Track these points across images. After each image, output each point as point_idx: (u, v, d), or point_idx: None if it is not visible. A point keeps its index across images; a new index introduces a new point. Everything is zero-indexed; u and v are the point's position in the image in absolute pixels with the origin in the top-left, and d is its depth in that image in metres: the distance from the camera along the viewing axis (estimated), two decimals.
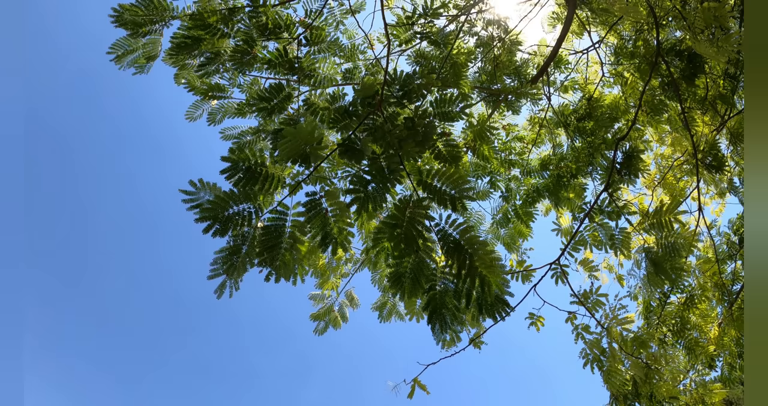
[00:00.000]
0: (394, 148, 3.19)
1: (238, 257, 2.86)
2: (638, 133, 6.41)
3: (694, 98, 5.85)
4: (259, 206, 3.04)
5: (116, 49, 4.02)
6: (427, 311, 2.93)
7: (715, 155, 5.81)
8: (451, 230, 2.83)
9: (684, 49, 5.65)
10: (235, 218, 2.90)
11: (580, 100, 6.69)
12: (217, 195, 2.88)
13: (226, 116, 4.80)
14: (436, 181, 3.02)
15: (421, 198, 2.94)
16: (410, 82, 3.52)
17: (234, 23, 3.98)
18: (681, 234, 5.30)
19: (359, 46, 5.34)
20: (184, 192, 2.90)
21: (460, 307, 2.93)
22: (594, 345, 5.23)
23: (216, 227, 2.80)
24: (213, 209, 2.81)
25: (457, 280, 2.71)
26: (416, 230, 2.79)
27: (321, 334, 5.07)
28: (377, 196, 2.94)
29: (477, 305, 2.74)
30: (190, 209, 2.96)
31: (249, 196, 3.04)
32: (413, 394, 4.36)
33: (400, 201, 2.77)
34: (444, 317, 2.84)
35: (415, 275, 2.82)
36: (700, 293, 5.77)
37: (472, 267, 2.71)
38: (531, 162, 6.76)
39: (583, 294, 5.19)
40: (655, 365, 5.04)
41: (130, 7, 3.67)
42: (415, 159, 3.25)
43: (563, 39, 5.76)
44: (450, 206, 2.92)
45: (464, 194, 2.93)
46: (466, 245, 2.77)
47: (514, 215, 6.47)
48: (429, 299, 2.84)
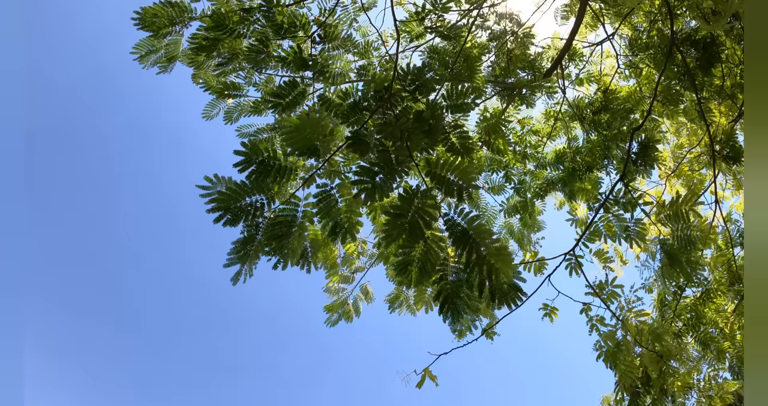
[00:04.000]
0: (403, 139, 3.27)
1: (251, 245, 2.99)
2: (654, 124, 6.36)
3: (710, 88, 5.79)
4: (271, 197, 3.16)
5: (139, 49, 4.20)
6: (438, 301, 3.00)
7: (732, 146, 5.74)
8: (459, 218, 2.90)
9: (699, 39, 5.60)
10: (248, 208, 3.03)
11: (595, 93, 6.67)
12: (229, 187, 3.01)
13: (242, 114, 4.95)
14: (444, 171, 3.09)
15: (428, 188, 3.02)
16: (422, 75, 3.59)
17: (250, 23, 4.12)
18: (698, 226, 5.26)
19: (372, 43, 5.44)
20: (202, 187, 3.03)
21: (472, 296, 2.99)
22: (609, 337, 5.24)
23: (227, 217, 2.93)
24: (225, 200, 2.94)
25: (467, 268, 2.78)
26: (423, 220, 2.86)
27: (333, 325, 5.20)
28: (385, 186, 3.03)
29: (490, 294, 2.80)
30: (208, 203, 3.11)
31: (261, 188, 3.16)
32: (423, 384, 4.46)
33: (405, 191, 2.86)
34: (456, 306, 2.91)
35: (422, 263, 2.89)
36: (716, 288, 5.71)
37: (480, 255, 2.77)
38: (546, 155, 6.77)
39: (598, 285, 5.19)
40: (669, 358, 5.02)
41: (152, 9, 3.84)
42: (427, 151, 3.31)
43: (576, 31, 5.76)
44: (457, 195, 3.00)
45: (471, 184, 3.00)
46: (474, 234, 2.83)
47: (521, 207, 6.52)
48: (440, 288, 2.91)
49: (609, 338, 5.20)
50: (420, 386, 4.68)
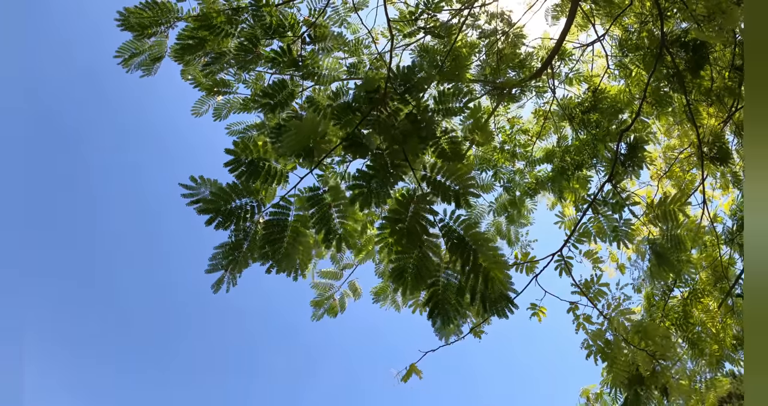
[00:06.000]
0: (399, 142, 3.22)
1: (239, 252, 2.93)
2: (644, 125, 6.40)
3: (699, 90, 5.83)
4: (261, 200, 3.09)
5: (123, 52, 4.06)
6: (429, 306, 2.96)
7: (720, 147, 5.80)
8: (456, 225, 2.87)
9: (689, 41, 5.63)
10: (238, 211, 2.96)
11: (585, 93, 6.69)
12: (219, 188, 2.93)
13: (231, 112, 4.87)
14: (440, 176, 3.05)
15: (425, 193, 2.97)
16: (412, 76, 3.53)
17: (238, 23, 4.03)
18: (686, 226, 5.30)
19: (363, 41, 5.38)
20: (185, 187, 2.95)
21: (463, 302, 2.96)
22: (597, 336, 5.26)
23: (218, 220, 2.86)
24: (215, 201, 2.87)
25: (461, 276, 2.75)
26: (420, 225, 2.82)
27: (318, 319, 5.21)
28: (380, 191, 2.98)
29: (482, 301, 2.77)
30: (190, 204, 3.01)
31: (251, 189, 3.09)
32: (408, 378, 4.48)
33: (402, 196, 2.82)
34: (447, 312, 2.87)
35: (418, 270, 2.84)
36: (703, 288, 5.78)
37: (476, 263, 2.74)
38: (535, 154, 6.78)
39: (585, 284, 5.21)
40: (661, 357, 5.05)
41: (136, 10, 3.73)
42: (419, 155, 3.27)
43: (567, 31, 5.76)
44: (454, 201, 2.96)
45: (468, 190, 2.97)
46: (471, 241, 2.80)
47: (510, 205, 6.53)
48: (431, 294, 2.87)
49: (597, 336, 5.23)
50: (406, 380, 4.69)
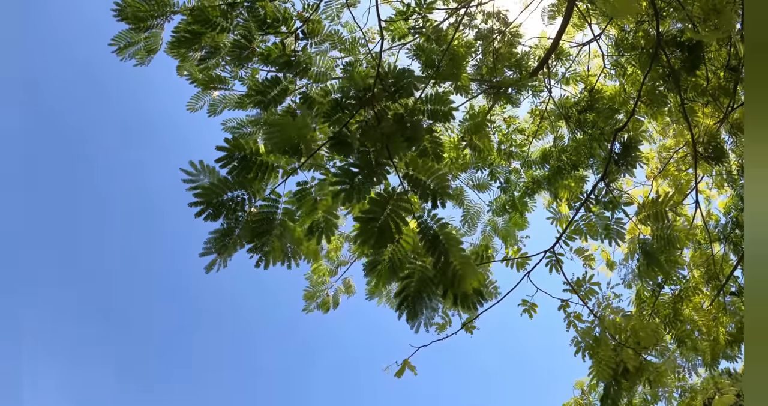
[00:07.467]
0: (383, 142, 3.31)
1: (230, 238, 3.03)
2: (639, 124, 6.43)
3: (694, 90, 5.85)
4: (252, 193, 3.19)
5: (118, 41, 4.20)
6: (399, 297, 3.05)
7: (714, 147, 5.82)
8: (432, 222, 2.97)
9: (685, 41, 5.65)
10: (229, 203, 3.05)
11: (581, 92, 6.72)
12: (212, 181, 3.03)
13: (226, 108, 4.95)
14: (421, 174, 3.14)
15: (404, 191, 3.06)
16: (402, 78, 3.60)
17: (233, 17, 4.11)
18: (678, 226, 5.34)
19: (359, 40, 5.44)
20: (185, 172, 3.04)
21: (434, 295, 3.05)
22: (586, 333, 5.32)
23: (208, 212, 2.96)
24: (207, 194, 2.97)
25: (434, 270, 2.84)
26: (394, 223, 2.91)
27: (309, 312, 5.30)
28: (363, 188, 3.06)
29: (452, 296, 2.87)
30: (190, 190, 3.11)
31: (243, 183, 3.19)
32: (402, 373, 4.56)
33: (378, 194, 2.90)
34: (414, 306, 2.92)
35: (392, 263, 2.94)
36: (693, 287, 5.82)
37: (447, 261, 2.85)
38: (532, 154, 6.82)
39: (576, 282, 5.26)
40: (646, 351, 5.09)
41: (132, 1, 3.83)
42: (403, 155, 3.35)
43: (563, 31, 5.79)
44: (431, 200, 3.05)
45: (445, 190, 3.06)
46: (444, 240, 2.90)
47: (510, 206, 6.56)
48: (404, 286, 2.95)
49: (586, 334, 5.28)
50: (399, 376, 4.77)
